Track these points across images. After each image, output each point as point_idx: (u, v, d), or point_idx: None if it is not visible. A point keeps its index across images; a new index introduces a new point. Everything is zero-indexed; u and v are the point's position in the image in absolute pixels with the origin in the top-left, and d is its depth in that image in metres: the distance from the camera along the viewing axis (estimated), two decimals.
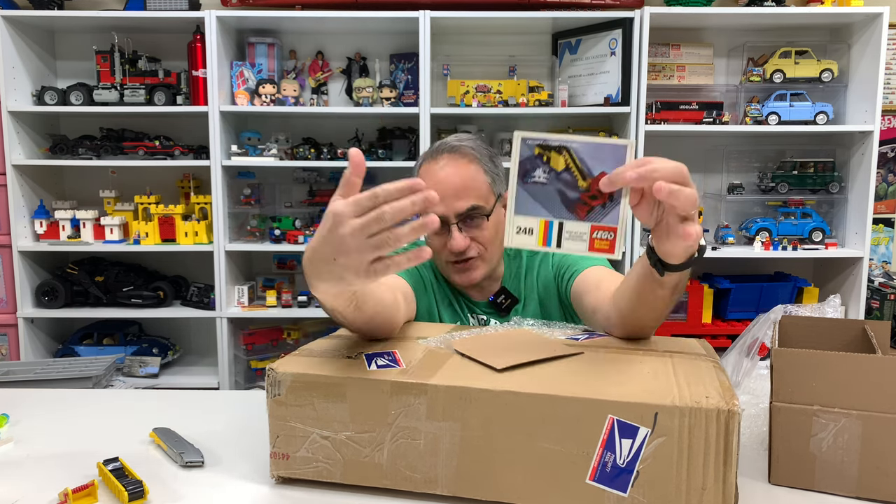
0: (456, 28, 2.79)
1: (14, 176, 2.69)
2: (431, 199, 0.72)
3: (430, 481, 0.84)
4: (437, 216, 0.73)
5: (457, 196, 1.24)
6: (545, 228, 0.81)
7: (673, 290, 0.92)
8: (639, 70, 2.62)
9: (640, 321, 0.99)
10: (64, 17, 2.64)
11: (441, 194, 1.27)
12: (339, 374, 0.86)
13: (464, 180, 1.25)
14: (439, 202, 0.73)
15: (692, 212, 0.78)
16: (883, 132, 2.93)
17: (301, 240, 2.73)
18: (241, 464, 0.97)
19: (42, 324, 2.84)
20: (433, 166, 1.27)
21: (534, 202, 0.81)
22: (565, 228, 0.81)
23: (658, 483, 0.76)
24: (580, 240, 0.81)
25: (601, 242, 0.80)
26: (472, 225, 1.26)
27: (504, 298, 1.33)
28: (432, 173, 1.26)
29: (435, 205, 0.72)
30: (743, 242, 2.88)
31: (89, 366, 1.71)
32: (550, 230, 0.81)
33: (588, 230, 0.81)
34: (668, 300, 0.94)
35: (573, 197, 0.81)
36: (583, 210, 0.81)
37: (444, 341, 0.99)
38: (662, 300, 0.93)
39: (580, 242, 0.81)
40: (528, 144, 0.81)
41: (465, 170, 1.26)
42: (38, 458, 1.01)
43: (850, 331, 1.09)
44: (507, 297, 1.34)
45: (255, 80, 2.74)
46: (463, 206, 1.24)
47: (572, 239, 0.81)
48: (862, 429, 0.85)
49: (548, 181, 0.81)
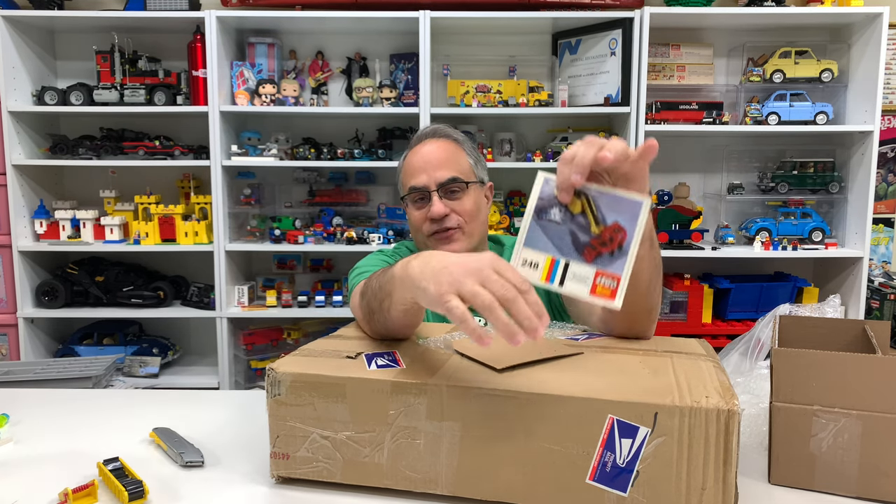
0: (456, 28, 2.79)
1: (14, 176, 2.69)
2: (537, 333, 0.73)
3: (430, 481, 0.84)
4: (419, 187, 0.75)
5: (438, 167, 1.33)
6: (551, 265, 0.83)
7: (650, 241, 0.96)
8: (639, 70, 2.62)
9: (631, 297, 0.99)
10: (64, 17, 2.64)
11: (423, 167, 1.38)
12: (339, 374, 0.86)
13: (447, 155, 1.35)
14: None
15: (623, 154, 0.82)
16: (883, 132, 2.93)
17: (301, 240, 2.73)
18: (241, 464, 0.97)
19: (42, 324, 2.84)
20: (420, 149, 1.37)
21: (545, 239, 0.83)
22: (570, 269, 0.82)
23: (658, 483, 0.76)
24: (583, 282, 0.82)
25: (603, 289, 0.81)
26: (452, 197, 1.34)
27: None
28: (417, 152, 1.37)
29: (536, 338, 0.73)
30: (743, 242, 2.88)
31: (89, 366, 1.70)
32: (556, 268, 0.82)
33: (592, 274, 0.81)
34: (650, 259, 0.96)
35: (584, 240, 0.82)
36: (591, 254, 0.82)
37: (444, 341, 0.99)
38: (646, 262, 0.96)
39: (583, 285, 0.82)
40: (549, 184, 0.84)
41: (448, 148, 1.37)
42: (38, 458, 1.01)
43: (850, 331, 1.09)
44: None
45: (255, 80, 2.74)
46: (444, 175, 1.33)
47: (575, 280, 0.82)
48: (862, 429, 0.85)
49: (562, 221, 0.83)
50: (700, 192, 2.97)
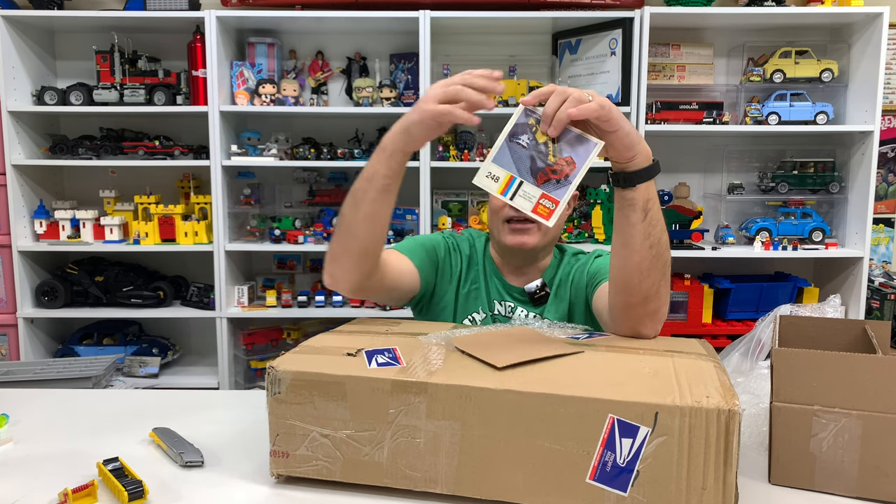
0: (456, 28, 2.79)
1: (14, 176, 2.69)
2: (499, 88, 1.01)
3: (430, 480, 0.84)
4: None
5: None
6: (508, 181, 0.97)
7: (644, 212, 1.00)
8: (639, 70, 2.62)
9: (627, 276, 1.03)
10: (64, 17, 2.64)
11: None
12: (339, 373, 0.86)
13: None
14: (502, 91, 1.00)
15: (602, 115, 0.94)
16: (883, 132, 2.93)
17: (301, 240, 2.73)
18: (241, 464, 0.97)
19: (42, 324, 2.84)
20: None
21: (510, 159, 0.97)
22: (522, 187, 0.96)
23: (658, 483, 0.76)
24: (529, 200, 0.96)
25: (543, 208, 0.95)
26: None
27: (540, 289, 1.35)
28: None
29: (499, 91, 1.01)
30: (743, 242, 2.87)
31: (89, 366, 1.71)
32: (511, 184, 0.97)
33: (538, 195, 0.96)
34: (644, 232, 1.00)
35: (540, 166, 0.96)
36: (542, 179, 0.96)
37: (444, 339, 0.99)
38: (640, 231, 1.00)
39: (528, 202, 0.96)
40: (526, 114, 0.98)
41: None
42: (38, 458, 1.01)
43: (850, 331, 1.09)
44: (542, 288, 1.35)
45: (255, 80, 2.74)
46: None
47: (524, 198, 0.96)
48: (862, 429, 0.85)
49: (528, 147, 0.97)
50: (700, 192, 2.97)
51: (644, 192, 1.00)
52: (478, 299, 1.36)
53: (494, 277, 1.38)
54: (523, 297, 1.36)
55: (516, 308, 1.35)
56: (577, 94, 0.94)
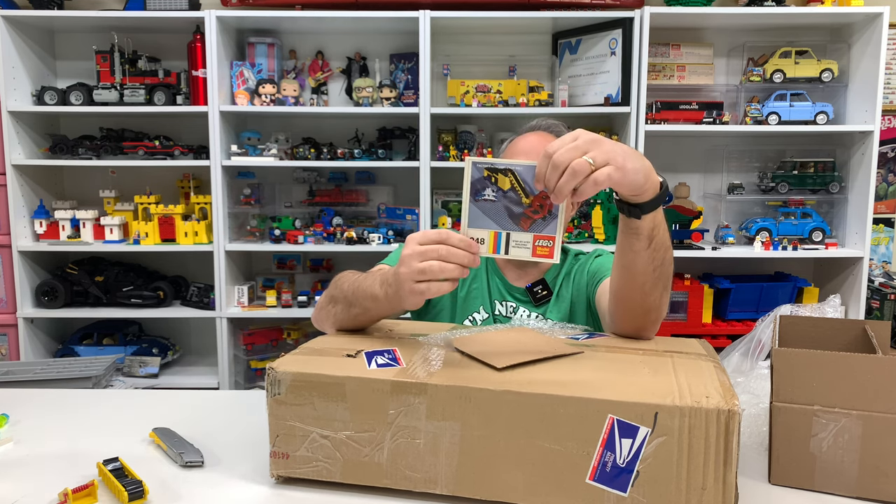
0: (456, 28, 2.79)
1: (14, 176, 2.69)
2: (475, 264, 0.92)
3: (429, 481, 0.84)
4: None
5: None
6: (495, 239, 0.93)
7: (649, 240, 0.96)
8: (639, 70, 2.62)
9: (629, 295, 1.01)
10: (64, 17, 2.64)
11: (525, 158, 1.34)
12: (339, 374, 0.86)
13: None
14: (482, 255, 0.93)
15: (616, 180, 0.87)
16: (883, 132, 2.93)
17: (301, 240, 2.73)
18: (241, 464, 0.97)
19: (42, 324, 2.84)
20: (521, 140, 1.38)
21: (484, 216, 0.93)
22: (512, 238, 0.93)
23: (658, 483, 0.76)
24: (525, 247, 0.93)
25: (542, 249, 0.92)
26: None
27: (541, 288, 1.35)
28: (519, 143, 1.37)
29: (476, 265, 0.92)
30: (743, 242, 2.87)
31: (89, 366, 1.71)
32: (499, 240, 0.93)
33: (531, 239, 0.92)
34: (648, 258, 0.97)
35: (518, 212, 0.92)
36: (526, 223, 0.92)
37: (444, 340, 0.99)
38: (644, 258, 0.96)
39: (525, 249, 0.93)
40: (478, 168, 0.92)
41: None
42: (38, 458, 1.01)
43: (850, 331, 1.09)
44: (544, 288, 1.35)
45: (255, 80, 2.74)
46: None
47: (518, 247, 0.93)
48: (862, 429, 0.85)
49: (496, 199, 0.92)
50: (700, 192, 2.97)
51: (650, 220, 0.95)
52: (478, 299, 1.36)
53: (496, 277, 1.38)
54: (525, 297, 1.36)
55: (518, 308, 1.35)
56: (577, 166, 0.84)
